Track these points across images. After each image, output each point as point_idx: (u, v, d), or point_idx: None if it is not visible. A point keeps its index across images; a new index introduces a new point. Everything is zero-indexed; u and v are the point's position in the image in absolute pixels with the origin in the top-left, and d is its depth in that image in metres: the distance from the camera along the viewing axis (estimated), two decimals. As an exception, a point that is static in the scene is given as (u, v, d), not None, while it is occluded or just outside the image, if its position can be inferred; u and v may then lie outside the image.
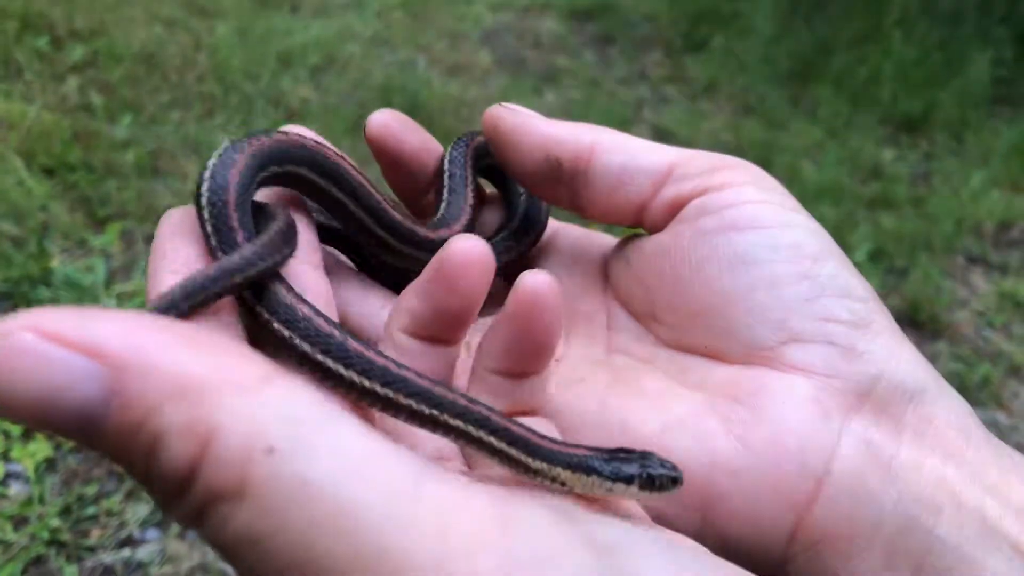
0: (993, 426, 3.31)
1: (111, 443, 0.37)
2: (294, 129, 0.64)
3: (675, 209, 0.62)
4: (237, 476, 0.35)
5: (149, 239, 3.43)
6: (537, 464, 0.51)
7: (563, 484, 0.50)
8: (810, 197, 4.43)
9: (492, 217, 0.80)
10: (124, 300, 3.08)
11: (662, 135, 4.94)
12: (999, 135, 5.13)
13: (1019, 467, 0.56)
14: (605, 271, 0.70)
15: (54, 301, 2.98)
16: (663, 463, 0.51)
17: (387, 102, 4.51)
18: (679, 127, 5.02)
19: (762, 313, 0.56)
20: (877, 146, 5.06)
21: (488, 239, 0.64)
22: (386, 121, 0.69)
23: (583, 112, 4.79)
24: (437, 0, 6.01)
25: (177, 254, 0.53)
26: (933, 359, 3.56)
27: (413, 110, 4.45)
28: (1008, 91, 5.64)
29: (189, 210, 0.57)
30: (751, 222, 0.58)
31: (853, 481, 0.53)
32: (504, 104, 0.67)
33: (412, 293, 0.57)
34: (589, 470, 0.50)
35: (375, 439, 0.39)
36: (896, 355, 0.57)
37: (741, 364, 0.58)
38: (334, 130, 4.29)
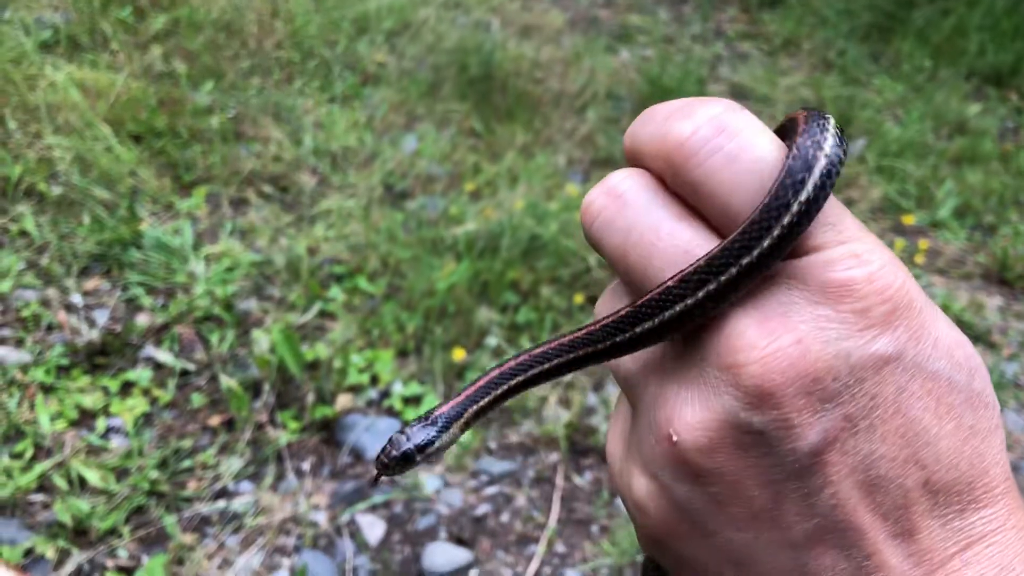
0: (1085, 386, 3.24)
1: None
2: None
3: None
4: None
5: (234, 202, 3.51)
6: None
7: None
8: (893, 153, 4.33)
9: None
10: (212, 261, 3.17)
11: (739, 92, 4.86)
12: (1094, 86, 4.93)
13: None
14: None
15: (145, 263, 3.08)
16: None
17: (461, 64, 4.52)
18: (757, 84, 4.93)
19: None
20: (962, 101, 4.90)
21: None
22: None
23: (659, 70, 4.73)
24: (509, -39, 5.96)
25: None
26: (1021, 318, 3.47)
27: (487, 71, 4.46)
28: (1104, 40, 5.40)
29: None
30: None
31: None
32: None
33: None
34: None
35: None
36: None
37: None
38: (410, 93, 4.32)
